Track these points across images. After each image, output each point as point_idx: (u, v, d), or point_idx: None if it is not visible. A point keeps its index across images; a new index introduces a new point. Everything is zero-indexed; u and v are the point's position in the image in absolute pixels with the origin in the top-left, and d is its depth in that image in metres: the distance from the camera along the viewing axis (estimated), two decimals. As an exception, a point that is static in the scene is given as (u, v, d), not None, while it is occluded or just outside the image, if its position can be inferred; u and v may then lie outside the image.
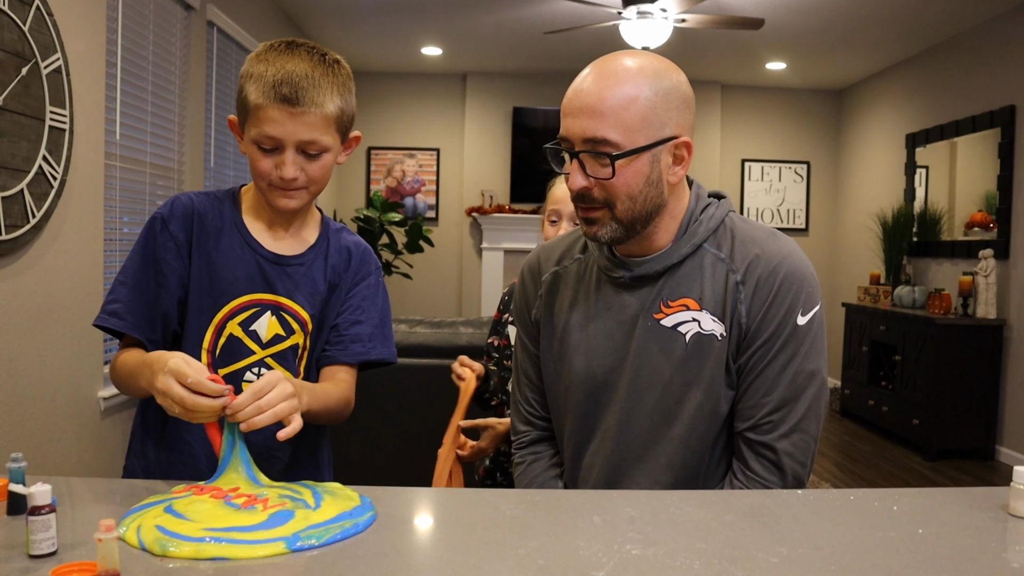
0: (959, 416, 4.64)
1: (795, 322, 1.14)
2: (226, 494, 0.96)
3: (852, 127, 6.77)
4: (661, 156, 1.13)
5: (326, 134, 1.19)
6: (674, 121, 1.12)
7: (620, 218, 1.14)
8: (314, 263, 1.28)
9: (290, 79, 1.15)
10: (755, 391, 1.14)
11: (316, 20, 5.35)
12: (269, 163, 1.18)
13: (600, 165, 1.11)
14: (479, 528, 0.91)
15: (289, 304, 1.25)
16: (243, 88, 1.19)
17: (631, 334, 1.18)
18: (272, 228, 1.28)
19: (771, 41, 5.44)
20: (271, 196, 1.22)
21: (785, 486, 1.14)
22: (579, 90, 1.12)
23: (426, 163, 6.91)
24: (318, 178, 1.22)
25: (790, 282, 1.14)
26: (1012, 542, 0.90)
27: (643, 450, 1.18)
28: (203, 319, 1.23)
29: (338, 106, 1.19)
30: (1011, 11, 4.63)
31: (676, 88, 1.13)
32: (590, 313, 1.23)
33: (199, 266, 1.23)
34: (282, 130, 1.16)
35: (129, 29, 3.07)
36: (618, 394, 1.19)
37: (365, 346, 1.30)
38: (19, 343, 2.38)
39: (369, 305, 1.32)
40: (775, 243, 1.17)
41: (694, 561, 0.81)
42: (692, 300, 1.16)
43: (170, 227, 1.23)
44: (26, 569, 0.76)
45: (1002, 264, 4.66)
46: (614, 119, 1.09)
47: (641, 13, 4.18)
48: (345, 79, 1.22)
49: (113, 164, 2.99)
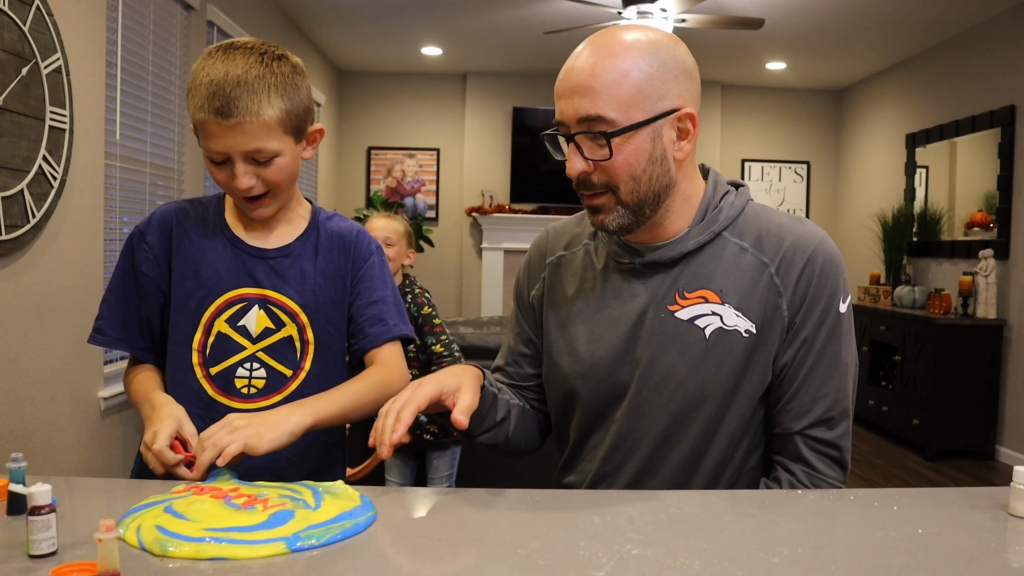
0: (959, 416, 4.64)
1: (838, 310, 1.10)
2: (226, 494, 0.96)
3: (852, 127, 6.77)
4: (663, 131, 1.06)
5: (271, 140, 1.15)
6: (674, 92, 1.05)
7: (626, 201, 1.07)
8: (301, 254, 1.28)
9: (221, 90, 1.11)
10: (808, 388, 1.10)
11: (316, 20, 5.35)
12: (224, 175, 1.18)
13: (597, 146, 1.05)
14: (479, 528, 0.91)
15: (276, 296, 1.25)
16: (187, 99, 1.17)
17: (640, 325, 1.12)
18: (254, 224, 1.28)
19: (771, 41, 5.44)
20: (243, 206, 1.23)
21: (844, 480, 1.12)
22: (571, 69, 1.06)
23: (426, 163, 6.91)
24: (276, 181, 1.19)
25: (828, 269, 1.09)
26: (1012, 542, 0.90)
27: (654, 448, 1.13)
28: (191, 320, 1.23)
29: (280, 108, 1.15)
30: (1011, 11, 4.63)
31: (673, 58, 1.06)
32: (596, 302, 1.17)
33: (181, 269, 1.24)
34: (223, 143, 1.13)
35: (129, 29, 3.07)
36: (626, 388, 1.14)
37: (387, 325, 1.30)
38: (19, 343, 2.38)
39: (379, 285, 1.32)
40: (805, 229, 1.12)
41: (694, 561, 0.81)
42: (712, 292, 1.10)
43: (147, 238, 1.26)
44: (26, 569, 0.76)
45: (1002, 264, 4.66)
46: (607, 95, 1.02)
47: (641, 13, 4.18)
48: (288, 75, 1.16)
49: (113, 164, 2.98)
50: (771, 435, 1.16)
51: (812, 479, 1.11)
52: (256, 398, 1.24)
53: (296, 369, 1.25)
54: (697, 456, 1.12)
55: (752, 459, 1.16)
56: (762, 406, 1.14)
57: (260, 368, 1.24)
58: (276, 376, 1.24)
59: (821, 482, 1.11)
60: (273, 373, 1.24)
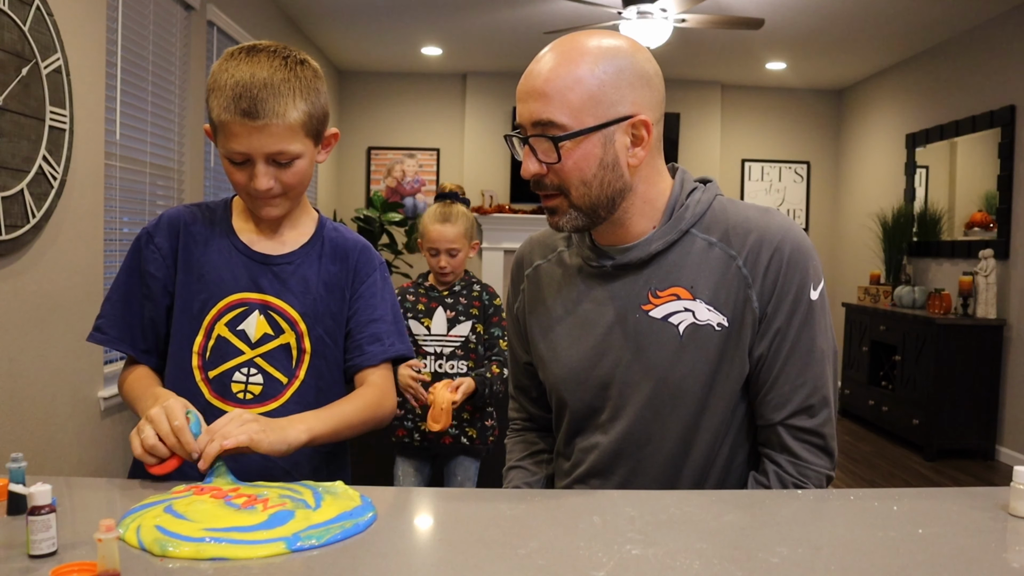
0: (959, 416, 4.64)
1: (809, 298, 1.10)
2: (226, 494, 0.96)
3: (852, 127, 6.77)
4: (615, 137, 1.07)
5: (294, 142, 1.16)
6: (628, 99, 1.06)
7: (578, 204, 1.09)
8: (305, 262, 1.28)
9: (248, 91, 1.12)
10: (786, 377, 1.11)
11: (316, 20, 5.36)
12: (243, 175, 1.18)
13: (549, 149, 1.07)
14: (479, 528, 0.91)
15: (277, 303, 1.25)
16: (208, 101, 1.17)
17: (615, 327, 1.14)
18: (261, 230, 1.28)
19: (771, 41, 5.44)
20: (253, 206, 1.23)
21: (833, 470, 1.12)
22: (530, 72, 1.08)
23: (426, 163, 6.91)
24: (294, 184, 1.20)
25: (796, 257, 1.10)
26: (1012, 542, 0.90)
27: (637, 447, 1.15)
28: (193, 323, 1.24)
29: (304, 111, 1.16)
30: (1011, 11, 4.63)
31: (631, 65, 1.07)
32: (572, 306, 1.19)
33: (186, 272, 1.25)
34: (247, 144, 1.14)
35: (129, 29, 3.07)
36: (607, 389, 1.16)
37: (383, 344, 1.30)
38: (19, 343, 2.38)
39: (379, 303, 1.31)
40: (771, 220, 1.12)
41: (694, 561, 0.81)
42: (683, 289, 1.11)
43: (155, 239, 1.26)
44: (26, 569, 0.76)
45: (1002, 264, 4.66)
46: (559, 100, 1.04)
47: (641, 13, 4.18)
48: (310, 80, 1.18)
49: (113, 164, 2.98)
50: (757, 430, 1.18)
51: (799, 468, 1.12)
52: (252, 404, 1.24)
53: (291, 377, 1.25)
54: (682, 453, 1.14)
55: (739, 455, 1.17)
56: (744, 400, 1.15)
57: (257, 374, 1.24)
58: (272, 383, 1.24)
59: (808, 471, 1.12)
60: (270, 379, 1.24)
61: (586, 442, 1.20)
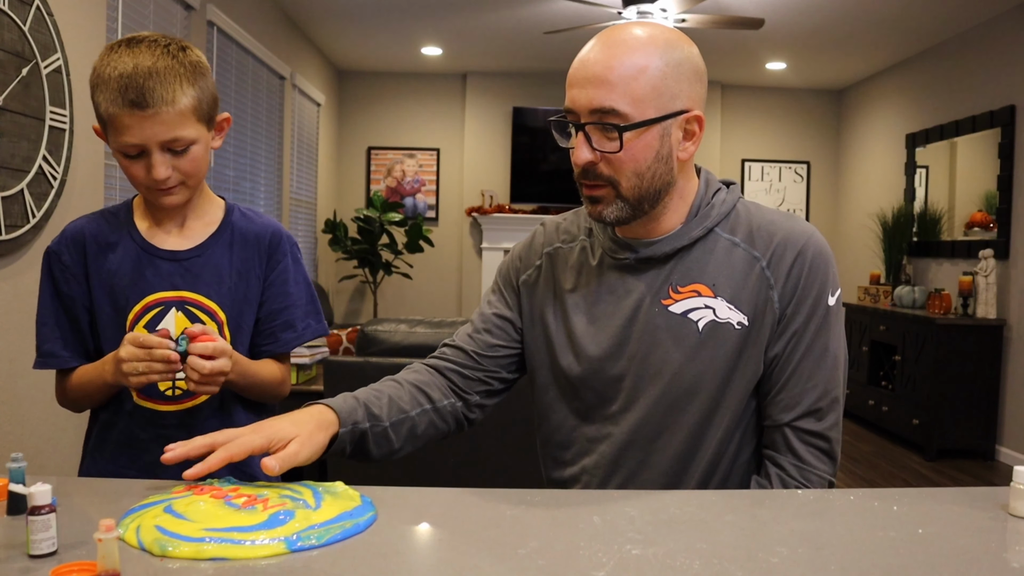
0: (959, 416, 4.64)
1: (827, 303, 1.11)
2: (226, 494, 0.96)
3: (852, 127, 6.77)
4: (671, 130, 1.08)
5: (187, 127, 1.16)
6: (685, 94, 1.07)
7: (626, 196, 1.08)
8: (215, 252, 1.28)
9: (134, 82, 1.12)
10: (798, 379, 1.11)
11: (316, 20, 5.36)
12: (139, 168, 1.18)
13: (607, 138, 1.06)
14: (479, 528, 0.91)
15: (193, 297, 1.25)
16: (93, 97, 1.16)
17: (635, 319, 1.14)
18: (163, 226, 1.28)
19: (771, 41, 5.44)
20: (153, 198, 1.23)
21: (834, 475, 1.12)
22: (586, 59, 1.06)
23: (426, 163, 6.91)
24: (192, 171, 1.20)
25: (818, 263, 1.11)
26: (1012, 542, 0.90)
27: (648, 440, 1.14)
28: (116, 332, 1.24)
29: (193, 96, 1.16)
30: (1011, 11, 4.63)
31: (688, 59, 1.08)
32: (591, 296, 1.18)
33: (99, 284, 1.25)
34: (140, 135, 1.14)
35: (129, 29, 3.07)
36: (621, 381, 1.15)
37: (296, 331, 1.33)
38: (19, 343, 2.38)
39: (291, 288, 1.32)
40: (795, 224, 1.14)
41: (694, 561, 0.81)
42: (704, 286, 1.12)
43: (63, 259, 1.26)
44: (26, 569, 0.76)
45: (1002, 264, 4.66)
46: (623, 89, 1.03)
47: (641, 13, 4.18)
48: (195, 65, 1.18)
49: (113, 164, 2.98)
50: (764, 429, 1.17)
51: (802, 472, 1.12)
52: (183, 399, 1.25)
53: None
54: (692, 448, 1.14)
55: (745, 453, 1.17)
56: (755, 399, 1.16)
57: None
58: None
59: (810, 475, 1.12)
60: None
61: (595, 432, 1.19)
